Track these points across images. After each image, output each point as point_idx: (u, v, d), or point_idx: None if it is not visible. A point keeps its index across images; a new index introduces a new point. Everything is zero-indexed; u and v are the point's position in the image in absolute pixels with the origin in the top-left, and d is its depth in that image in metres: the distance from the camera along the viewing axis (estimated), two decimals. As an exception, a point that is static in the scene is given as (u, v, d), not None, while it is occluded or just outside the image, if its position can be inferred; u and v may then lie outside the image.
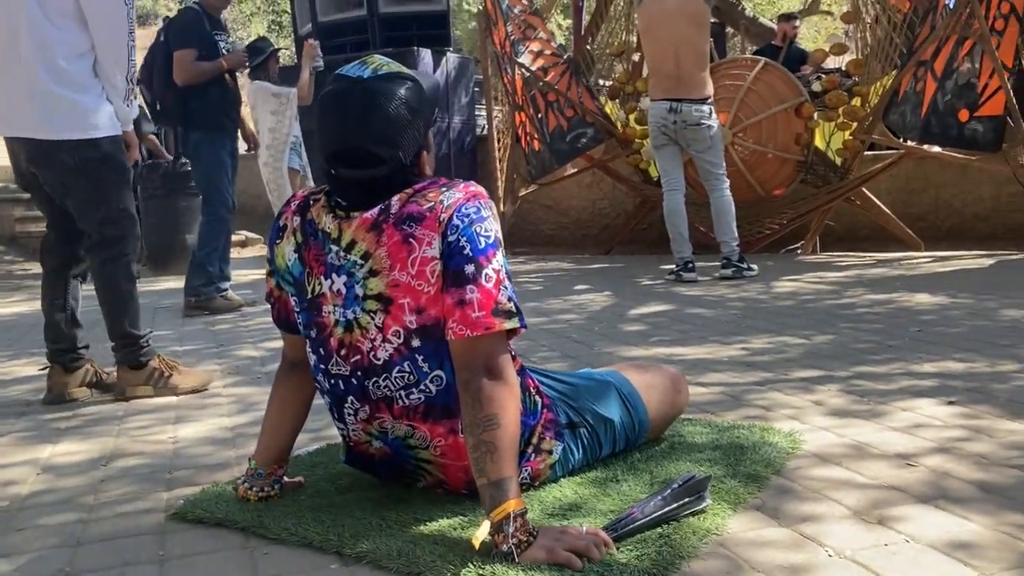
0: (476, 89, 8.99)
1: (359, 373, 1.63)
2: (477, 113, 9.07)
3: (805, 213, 6.40)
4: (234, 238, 6.25)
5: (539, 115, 6.81)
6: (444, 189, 1.57)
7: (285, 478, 1.84)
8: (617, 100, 7.07)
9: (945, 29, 5.30)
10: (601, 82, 7.42)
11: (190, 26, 4.79)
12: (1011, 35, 5.25)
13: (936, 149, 5.84)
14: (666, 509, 1.53)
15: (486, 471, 1.46)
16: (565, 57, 7.01)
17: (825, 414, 2.27)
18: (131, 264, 2.93)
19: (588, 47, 7.28)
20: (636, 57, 7.12)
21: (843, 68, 6.66)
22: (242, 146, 5.41)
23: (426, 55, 8.19)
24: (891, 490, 1.71)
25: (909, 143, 5.97)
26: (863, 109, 6.07)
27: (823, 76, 6.50)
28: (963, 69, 5.39)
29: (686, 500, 1.56)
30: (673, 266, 5.30)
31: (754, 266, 5.24)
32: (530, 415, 1.70)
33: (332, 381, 1.67)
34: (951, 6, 5.42)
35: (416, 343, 1.57)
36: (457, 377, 1.53)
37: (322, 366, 1.68)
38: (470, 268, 1.51)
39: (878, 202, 6.40)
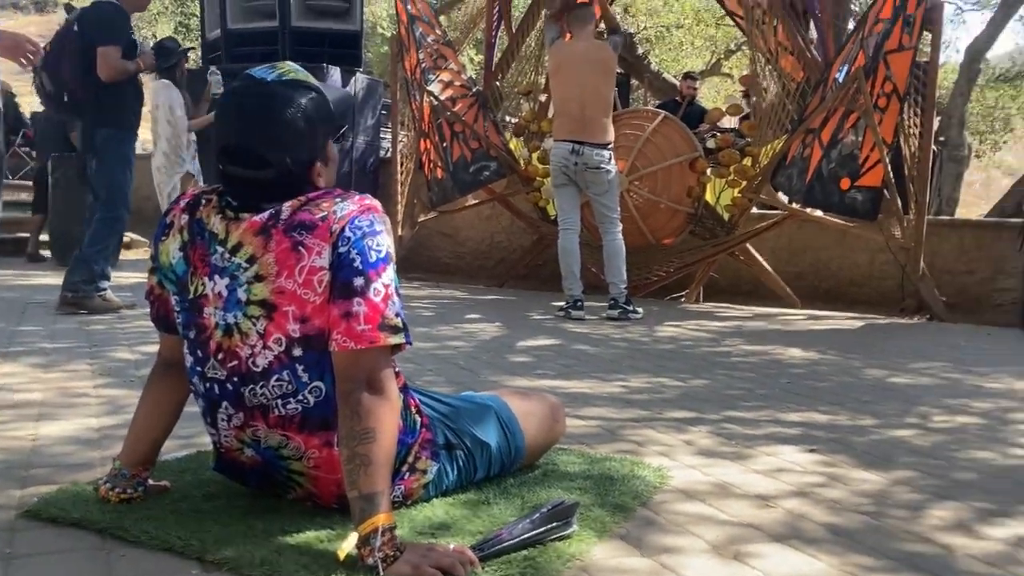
0: (383, 112, 8.99)
1: (235, 379, 1.60)
2: (382, 136, 9.07)
3: (691, 263, 6.63)
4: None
5: (444, 144, 6.85)
6: (339, 200, 1.57)
7: (150, 481, 1.78)
8: (522, 138, 7.20)
9: (834, 101, 5.61)
10: (507, 119, 7.55)
11: (118, 22, 4.69)
12: (892, 113, 5.60)
13: (818, 213, 6.14)
14: (533, 532, 1.56)
15: (358, 484, 1.46)
16: (474, 90, 7.10)
17: (694, 453, 2.35)
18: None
19: (497, 83, 7.39)
20: (543, 98, 7.28)
21: (738, 128, 6.95)
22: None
23: (335, 73, 8.15)
24: (749, 528, 1.78)
25: (793, 205, 6.26)
26: (753, 169, 6.34)
27: (718, 134, 6.78)
28: (847, 140, 5.71)
29: (553, 525, 1.59)
30: (563, 303, 5.39)
31: (639, 309, 5.38)
32: (408, 433, 1.71)
33: (207, 385, 1.64)
34: (840, 80, 5.75)
35: (298, 352, 1.56)
36: (338, 389, 1.53)
37: (198, 369, 1.64)
38: (359, 281, 1.51)
39: (761, 259, 6.68)
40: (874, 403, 3.14)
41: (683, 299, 6.82)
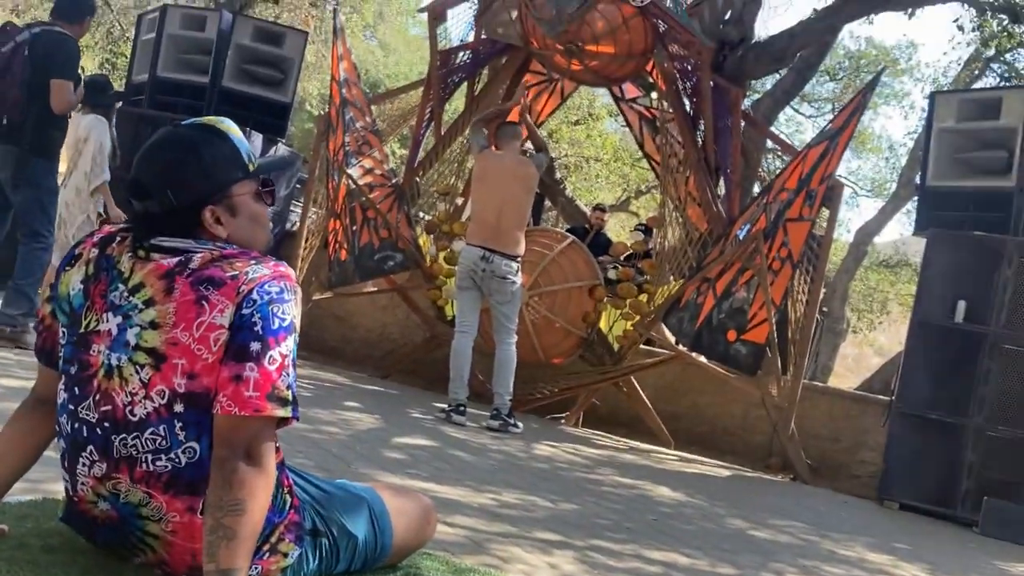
0: (298, 185, 8.94)
1: (107, 424, 1.53)
2: (292, 208, 8.99)
3: (576, 387, 6.71)
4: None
5: (354, 227, 6.84)
6: (253, 262, 1.55)
7: (-12, 524, 1.66)
8: (432, 235, 7.25)
9: (732, 256, 5.88)
10: (421, 215, 7.61)
11: (74, 56, 4.69)
12: (784, 277, 5.89)
13: (702, 359, 6.33)
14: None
15: (217, 556, 1.39)
16: (393, 182, 7.16)
17: (557, 577, 2.33)
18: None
19: (417, 180, 7.48)
20: (459, 201, 7.39)
21: (638, 265, 7.20)
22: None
23: (257, 140, 8.09)
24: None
25: (681, 347, 6.46)
26: (648, 306, 6.54)
27: (619, 267, 6.99)
28: (739, 295, 5.97)
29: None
30: (446, 405, 5.35)
31: (520, 424, 5.39)
32: (276, 513, 1.65)
33: (75, 425, 1.55)
34: (740, 238, 6.05)
35: (179, 408, 1.50)
36: (214, 454, 1.47)
37: (70, 406, 1.56)
38: (256, 345, 1.48)
39: (642, 394, 6.81)
40: (734, 553, 3.19)
41: (563, 420, 6.87)
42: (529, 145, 6.21)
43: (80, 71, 4.81)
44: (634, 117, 7.93)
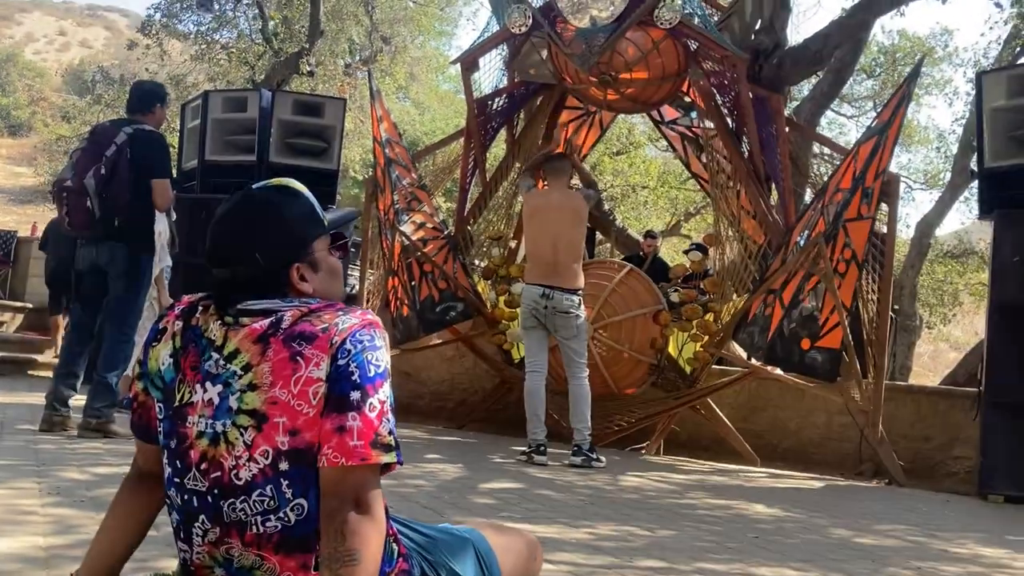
0: (352, 249, 9.08)
1: (216, 491, 1.54)
2: (349, 272, 9.12)
3: (653, 415, 6.63)
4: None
5: (412, 283, 6.91)
6: (340, 313, 1.57)
7: (107, 603, 1.68)
8: (490, 281, 7.28)
9: (795, 264, 5.80)
10: (476, 262, 7.65)
11: (168, 154, 4.91)
12: (851, 278, 5.78)
13: (778, 372, 6.22)
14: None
15: (338, 608, 1.38)
16: (445, 233, 7.22)
17: (669, 602, 2.28)
18: None
19: (469, 228, 7.53)
20: (512, 244, 7.43)
21: (701, 285, 7.13)
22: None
23: (308, 209, 8.24)
24: None
25: (755, 362, 6.35)
26: (715, 325, 6.46)
27: (681, 289, 6.93)
28: (808, 302, 5.87)
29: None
30: (525, 447, 5.32)
31: (602, 458, 5.33)
32: (386, 562, 1.63)
33: (185, 496, 1.57)
34: (801, 244, 5.96)
35: (284, 466, 1.51)
36: (323, 506, 1.47)
37: (176, 480, 1.58)
38: (355, 395, 1.48)
39: (721, 414, 6.70)
40: (844, 562, 3.09)
41: (644, 450, 6.78)
42: (577, 181, 6.23)
43: None
44: (676, 139, 7.92)
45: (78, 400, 4.79)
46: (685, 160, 8.14)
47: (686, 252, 7.78)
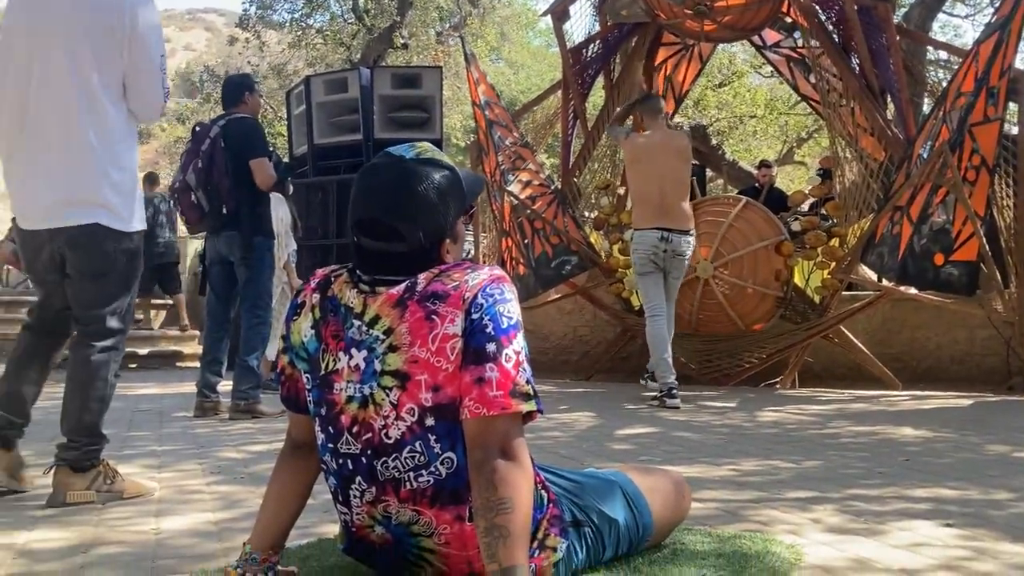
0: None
1: (369, 452, 1.60)
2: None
3: (784, 348, 6.48)
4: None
5: (525, 241, 6.93)
6: (469, 271, 1.60)
7: (279, 567, 1.77)
8: (602, 231, 7.24)
9: (920, 177, 5.53)
10: (586, 214, 7.62)
11: (262, 135, 5.04)
12: (982, 186, 5.48)
13: (913, 291, 5.98)
14: (677, 606, 1.50)
15: (497, 556, 1.42)
16: (552, 188, 7.21)
17: (824, 531, 2.25)
18: (119, 362, 2.82)
19: (575, 180, 7.49)
20: (620, 191, 7.35)
21: (823, 211, 6.89)
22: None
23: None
24: (899, 601, 1.68)
25: (887, 284, 6.12)
26: (841, 249, 6.25)
27: (801, 217, 6.72)
28: (937, 216, 5.59)
29: (697, 599, 1.53)
30: (656, 392, 5.31)
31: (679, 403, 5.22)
32: (536, 509, 1.67)
33: (340, 461, 1.64)
34: (925, 156, 5.68)
35: (430, 422, 1.56)
36: (470, 457, 1.51)
37: (330, 445, 1.65)
38: (491, 346, 1.52)
39: (856, 341, 6.50)
40: (1004, 478, 2.98)
41: (778, 385, 6.65)
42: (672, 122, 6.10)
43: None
44: (781, 62, 7.63)
45: (226, 385, 5.04)
46: (793, 83, 7.85)
47: (811, 178, 7.54)
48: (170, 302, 11.52)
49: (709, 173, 9.96)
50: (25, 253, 2.85)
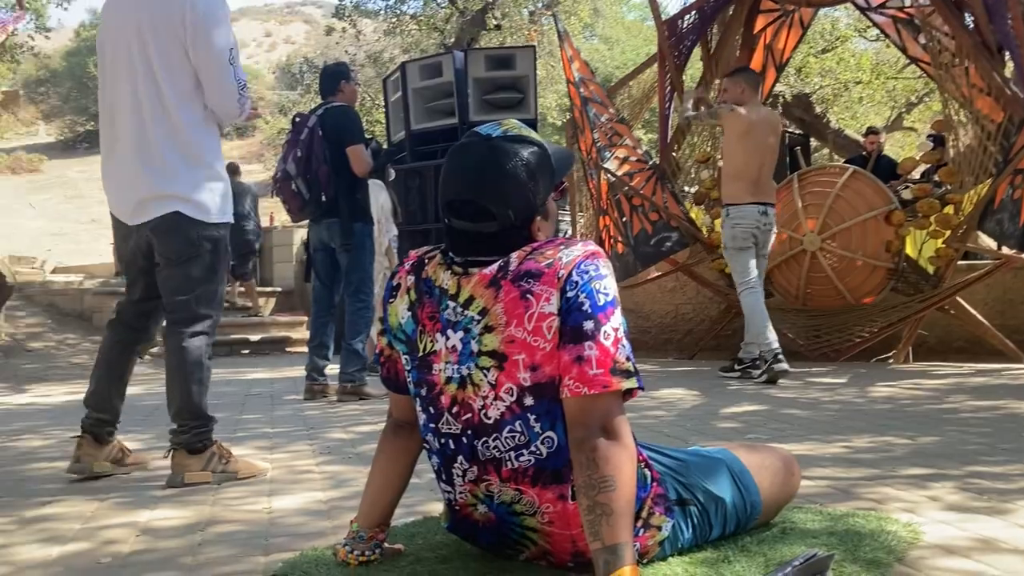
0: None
1: (469, 432, 1.60)
2: (559, 219, 9.19)
3: (896, 322, 6.24)
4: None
5: (624, 219, 6.87)
6: (563, 247, 1.58)
7: (386, 544, 1.80)
8: (703, 206, 7.11)
9: (1043, 137, 5.22)
10: (686, 188, 7.48)
11: (358, 122, 5.12)
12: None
13: (1036, 259, 5.67)
14: (788, 586, 1.46)
15: (601, 535, 1.41)
16: (650, 163, 7.10)
17: (943, 509, 2.15)
18: (211, 345, 2.88)
19: (674, 154, 7.36)
20: (720, 164, 7.18)
21: (935, 178, 6.59)
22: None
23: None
24: (1028, 583, 1.60)
25: (1006, 251, 5.82)
26: (957, 217, 5.97)
27: (912, 184, 6.45)
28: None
29: (808, 579, 1.48)
30: (760, 360, 5.24)
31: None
32: (640, 487, 1.64)
33: (442, 440, 1.65)
34: (1048, 115, 5.36)
35: (529, 401, 1.55)
36: (571, 436, 1.50)
37: (432, 425, 1.66)
38: (589, 325, 1.49)
39: (974, 312, 6.21)
40: None
41: (891, 360, 6.42)
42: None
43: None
44: (887, 24, 7.29)
45: (333, 368, 5.16)
46: (900, 45, 7.49)
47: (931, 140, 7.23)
48: (279, 289, 11.87)
49: (813, 142, 9.63)
50: (115, 238, 2.97)
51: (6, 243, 13.86)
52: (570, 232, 8.18)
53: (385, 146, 7.48)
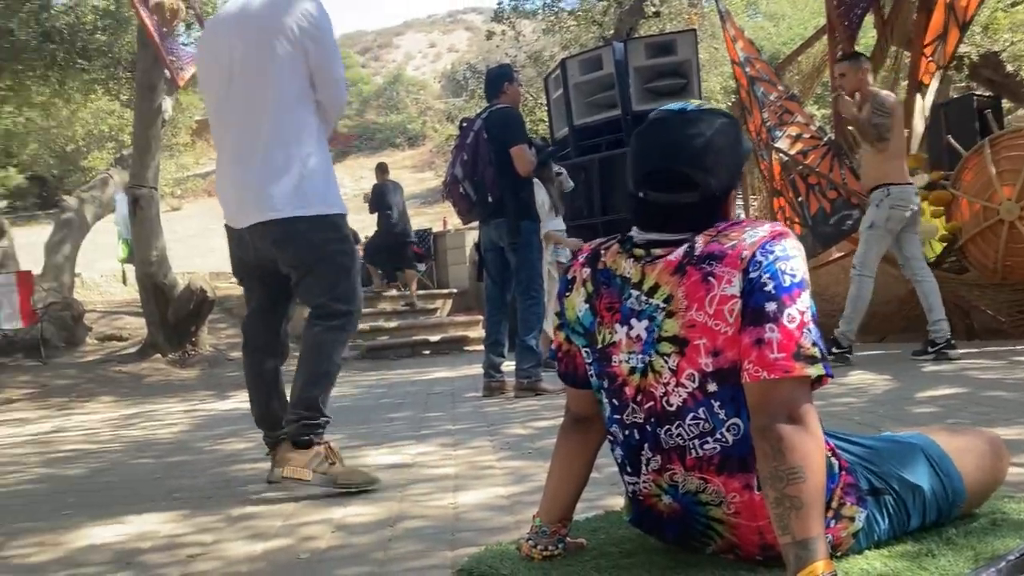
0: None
1: (652, 420, 1.57)
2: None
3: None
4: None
5: (800, 199, 6.60)
6: (748, 228, 1.52)
7: (568, 538, 1.80)
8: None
9: None
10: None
11: (521, 123, 5.23)
12: None
13: None
14: (1002, 582, 1.35)
15: (791, 528, 1.35)
16: (826, 139, 6.79)
17: None
18: (346, 343, 2.87)
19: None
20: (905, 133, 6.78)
21: None
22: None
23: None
24: None
25: None
26: None
27: None
28: None
29: (1025, 574, 1.36)
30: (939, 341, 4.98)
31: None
32: (828, 478, 1.56)
33: (627, 431, 1.63)
34: None
35: (712, 388, 1.50)
36: (753, 424, 1.44)
37: (616, 416, 1.64)
38: (771, 306, 1.43)
39: None
40: None
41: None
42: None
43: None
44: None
45: (509, 366, 5.24)
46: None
47: None
48: (454, 290, 12.20)
49: (1006, 104, 8.91)
50: (231, 249, 2.99)
51: (205, 260, 14.94)
52: (743, 216, 7.95)
53: (549, 145, 7.52)
